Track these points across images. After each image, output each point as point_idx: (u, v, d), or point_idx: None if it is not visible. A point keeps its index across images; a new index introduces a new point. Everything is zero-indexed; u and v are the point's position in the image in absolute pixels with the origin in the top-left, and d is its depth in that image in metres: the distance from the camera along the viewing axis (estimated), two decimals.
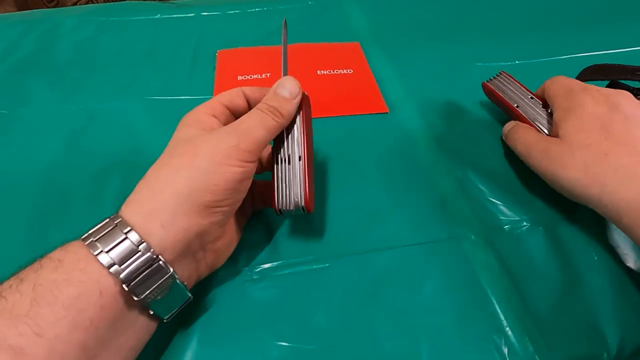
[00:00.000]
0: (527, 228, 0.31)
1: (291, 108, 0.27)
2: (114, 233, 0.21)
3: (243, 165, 0.24)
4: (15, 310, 0.18)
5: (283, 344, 0.25)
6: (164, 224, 0.22)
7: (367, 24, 0.53)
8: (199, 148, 0.24)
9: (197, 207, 0.22)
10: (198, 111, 0.26)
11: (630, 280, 0.29)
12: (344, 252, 0.30)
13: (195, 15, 0.54)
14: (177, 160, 0.24)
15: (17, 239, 0.31)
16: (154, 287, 0.21)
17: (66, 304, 0.19)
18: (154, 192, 0.23)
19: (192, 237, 0.23)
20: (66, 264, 0.20)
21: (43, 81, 0.44)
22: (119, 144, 0.38)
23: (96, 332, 0.20)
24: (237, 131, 0.24)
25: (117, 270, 0.20)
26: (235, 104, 0.28)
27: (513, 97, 0.37)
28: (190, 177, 0.23)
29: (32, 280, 0.19)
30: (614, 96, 0.30)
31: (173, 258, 0.22)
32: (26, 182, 0.34)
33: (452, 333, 0.26)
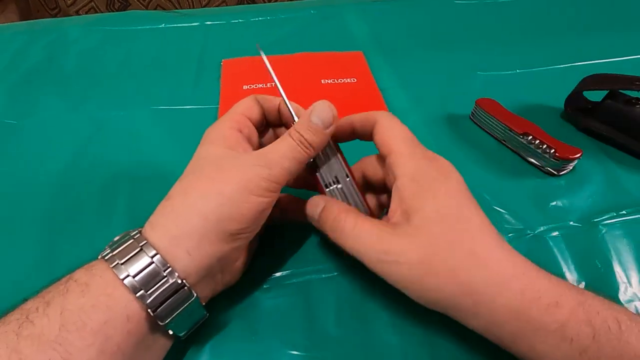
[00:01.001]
0: (531, 237, 0.32)
1: (324, 139, 0.25)
2: (140, 256, 0.21)
3: (270, 196, 0.24)
4: (44, 335, 0.18)
5: (294, 352, 0.26)
6: (190, 251, 0.22)
7: (369, 33, 0.54)
8: (228, 175, 0.23)
9: (222, 235, 0.22)
10: (223, 126, 0.26)
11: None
12: (353, 261, 0.30)
13: (200, 24, 0.55)
14: (206, 185, 0.23)
15: (27, 248, 0.31)
16: (179, 312, 0.21)
17: (94, 330, 0.19)
18: (180, 218, 0.22)
19: (215, 262, 0.23)
20: (93, 288, 0.20)
21: (50, 91, 0.45)
22: (126, 153, 0.38)
23: (122, 356, 0.20)
24: (268, 162, 0.24)
25: (143, 295, 0.20)
26: (254, 113, 0.27)
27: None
28: (219, 205, 0.22)
29: (60, 305, 0.19)
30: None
31: (194, 282, 0.22)
32: (35, 192, 0.35)
33: (463, 342, 0.26)
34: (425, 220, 0.23)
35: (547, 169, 0.36)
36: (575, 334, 0.20)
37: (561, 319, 0.20)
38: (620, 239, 0.32)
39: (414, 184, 0.24)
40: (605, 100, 0.39)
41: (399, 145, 0.25)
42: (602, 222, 0.33)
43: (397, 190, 0.24)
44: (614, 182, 0.36)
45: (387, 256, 0.23)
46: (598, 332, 0.20)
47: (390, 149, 0.25)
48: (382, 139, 0.26)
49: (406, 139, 0.25)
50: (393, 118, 0.26)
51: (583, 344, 0.20)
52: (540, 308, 0.21)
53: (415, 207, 0.23)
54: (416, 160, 0.24)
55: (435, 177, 0.24)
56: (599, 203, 0.34)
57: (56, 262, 0.30)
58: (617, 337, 0.20)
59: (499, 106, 0.40)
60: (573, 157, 0.35)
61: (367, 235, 0.24)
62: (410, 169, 0.24)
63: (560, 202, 0.34)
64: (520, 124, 0.38)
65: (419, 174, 0.24)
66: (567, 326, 0.20)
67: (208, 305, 0.27)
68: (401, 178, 0.24)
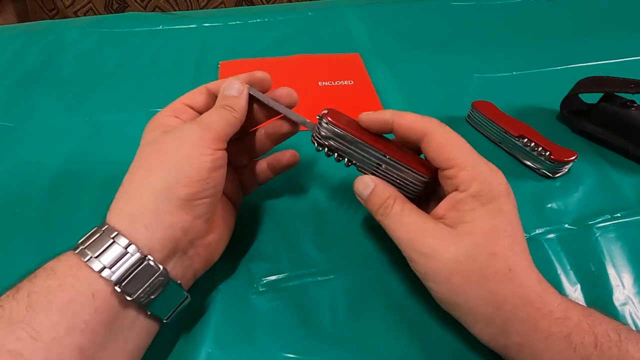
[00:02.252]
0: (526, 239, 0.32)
1: (242, 102, 0.27)
2: (102, 239, 0.22)
3: (211, 153, 0.24)
4: (12, 317, 0.19)
5: (290, 355, 0.26)
6: (147, 225, 0.22)
7: (367, 35, 0.54)
8: (165, 145, 0.25)
9: (176, 203, 0.23)
10: (160, 115, 0.27)
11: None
12: (348, 264, 0.30)
13: (197, 26, 0.55)
14: (147, 162, 0.24)
15: (24, 250, 0.31)
16: (146, 286, 0.22)
17: (60, 308, 0.20)
18: (132, 197, 0.23)
19: (179, 233, 0.23)
20: (59, 271, 0.21)
21: (47, 93, 0.45)
22: (123, 156, 0.38)
23: (92, 334, 0.20)
24: (198, 123, 0.25)
25: (108, 274, 0.21)
26: (197, 101, 0.28)
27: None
28: (162, 174, 0.23)
29: (27, 289, 0.20)
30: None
31: (163, 257, 0.23)
32: (32, 195, 0.35)
33: (460, 344, 0.26)
34: (472, 231, 0.23)
35: (542, 171, 0.37)
36: (579, 343, 0.21)
37: (567, 330, 0.22)
38: (615, 242, 0.32)
39: (474, 201, 0.24)
40: (601, 102, 0.39)
41: (461, 159, 0.24)
42: (596, 224, 0.33)
43: (454, 201, 0.25)
44: (610, 184, 0.36)
45: (424, 248, 0.24)
46: (600, 341, 0.21)
47: (452, 164, 0.25)
48: (439, 154, 0.25)
49: (468, 152, 0.25)
50: (445, 128, 0.26)
51: (586, 351, 0.21)
52: (550, 320, 0.22)
53: (467, 219, 0.24)
54: (480, 177, 0.24)
55: (499, 195, 0.24)
56: (594, 205, 0.35)
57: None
58: (617, 345, 0.21)
59: (495, 108, 0.40)
60: (568, 159, 0.35)
61: (411, 225, 0.25)
62: (475, 186, 0.24)
63: (556, 205, 0.35)
64: (515, 126, 0.38)
65: (483, 191, 0.24)
66: (572, 335, 0.21)
67: (203, 308, 0.27)
68: (462, 193, 0.24)
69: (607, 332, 0.22)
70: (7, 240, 0.32)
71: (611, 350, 0.21)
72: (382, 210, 0.26)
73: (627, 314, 0.28)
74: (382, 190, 0.27)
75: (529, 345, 0.22)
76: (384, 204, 0.26)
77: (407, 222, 0.25)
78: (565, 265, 0.31)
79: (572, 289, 0.30)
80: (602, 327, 0.22)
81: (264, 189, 0.33)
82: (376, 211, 0.27)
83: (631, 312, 0.28)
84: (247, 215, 0.33)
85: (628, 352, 0.21)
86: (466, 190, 0.24)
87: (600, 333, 0.21)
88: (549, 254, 0.31)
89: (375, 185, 0.27)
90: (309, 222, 0.33)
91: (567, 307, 0.22)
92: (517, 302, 0.22)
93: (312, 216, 0.33)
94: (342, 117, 0.28)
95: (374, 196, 0.27)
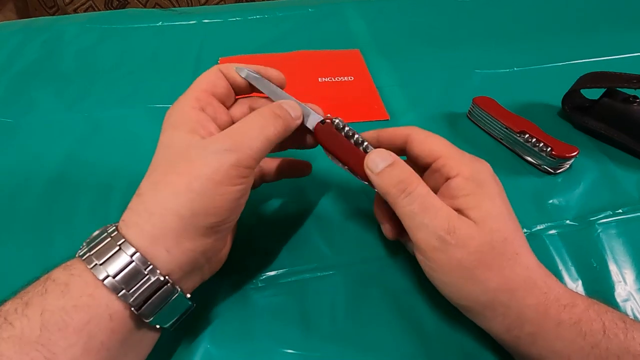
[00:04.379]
0: (528, 235, 0.32)
1: (293, 125, 0.25)
2: (119, 256, 0.20)
3: (243, 182, 0.23)
4: (24, 336, 0.18)
5: (289, 351, 0.26)
6: (169, 249, 0.21)
7: (367, 31, 0.54)
8: (195, 167, 0.22)
9: (200, 230, 0.22)
10: (184, 106, 0.24)
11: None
12: (348, 260, 0.30)
13: (197, 22, 0.55)
14: (174, 180, 0.22)
15: (22, 246, 0.31)
16: (162, 308, 0.21)
17: (77, 329, 0.19)
18: (154, 217, 0.21)
19: (199, 256, 0.23)
20: (72, 289, 0.20)
21: (47, 89, 0.44)
22: (122, 152, 0.38)
23: (108, 353, 0.20)
24: (235, 145, 0.22)
25: (125, 295, 0.20)
26: (220, 87, 0.26)
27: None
28: (190, 202, 0.21)
29: (39, 305, 0.19)
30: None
31: (179, 277, 0.22)
32: (31, 191, 0.35)
33: (460, 341, 0.26)
34: (486, 216, 0.23)
35: (544, 167, 0.36)
36: (589, 329, 0.21)
37: (576, 317, 0.22)
38: (617, 238, 0.32)
39: (470, 184, 0.24)
40: (603, 98, 0.39)
41: (445, 150, 0.25)
42: (598, 220, 0.33)
43: (449, 189, 0.24)
44: (611, 180, 0.36)
45: (450, 237, 0.23)
46: (608, 328, 0.21)
47: (438, 154, 0.25)
48: (423, 148, 0.26)
49: (449, 145, 0.26)
50: (424, 130, 0.27)
51: (595, 338, 0.21)
52: (559, 307, 0.22)
53: (472, 204, 0.23)
54: (468, 162, 0.25)
55: (487, 179, 0.25)
56: (595, 201, 0.34)
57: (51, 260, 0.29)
58: (624, 332, 0.21)
59: (496, 104, 0.40)
60: (570, 155, 0.35)
61: (438, 209, 0.23)
62: (465, 170, 0.24)
63: (557, 201, 0.34)
64: (517, 122, 0.38)
65: (474, 175, 0.24)
66: (582, 322, 0.22)
67: (203, 304, 0.27)
68: (456, 178, 0.24)
69: (613, 319, 0.22)
70: (5, 235, 0.32)
71: (618, 337, 0.21)
72: (402, 186, 0.24)
73: (629, 310, 0.28)
74: (403, 165, 0.25)
75: (541, 335, 0.22)
76: (407, 179, 0.24)
77: (433, 205, 0.23)
78: (566, 261, 0.30)
79: (574, 285, 0.29)
80: (608, 315, 0.22)
81: (265, 184, 0.33)
82: (394, 187, 0.24)
83: (633, 308, 0.28)
84: (246, 210, 0.32)
85: (634, 338, 0.21)
86: (458, 174, 0.24)
87: (607, 320, 0.22)
88: (550, 250, 0.31)
89: (396, 159, 0.25)
90: (308, 218, 0.33)
91: (573, 295, 0.23)
92: (527, 286, 0.22)
93: (312, 211, 0.33)
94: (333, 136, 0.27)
95: (393, 170, 0.24)
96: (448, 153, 0.25)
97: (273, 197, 0.34)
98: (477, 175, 0.24)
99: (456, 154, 0.25)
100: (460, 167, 0.24)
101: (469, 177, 0.24)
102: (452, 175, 0.24)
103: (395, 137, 0.27)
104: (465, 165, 0.24)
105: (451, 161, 0.25)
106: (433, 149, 0.25)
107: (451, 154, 0.25)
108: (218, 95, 0.26)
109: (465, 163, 0.25)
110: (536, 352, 0.22)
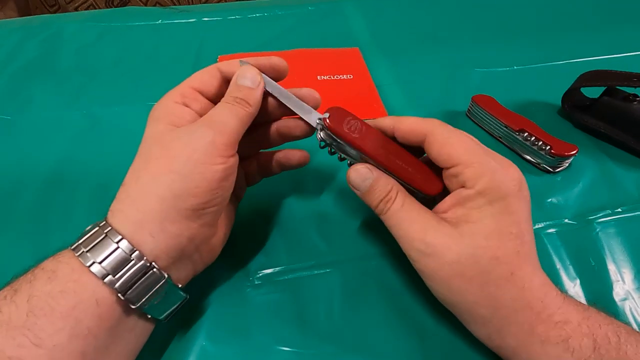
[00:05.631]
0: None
1: (257, 95, 0.25)
2: (105, 243, 0.21)
3: (224, 162, 0.23)
4: (12, 321, 0.18)
5: (285, 348, 0.26)
6: (153, 234, 0.21)
7: (367, 30, 0.54)
8: (173, 149, 0.22)
9: (183, 213, 0.22)
10: (167, 100, 0.25)
11: None
12: (345, 257, 0.30)
13: (197, 20, 0.55)
14: (154, 165, 0.22)
15: (19, 244, 0.31)
16: (149, 294, 0.21)
17: (64, 314, 0.19)
18: (137, 202, 0.22)
19: (185, 241, 0.22)
20: (60, 275, 0.20)
21: (46, 87, 0.44)
22: (121, 149, 0.38)
23: (95, 340, 0.20)
24: (210, 124, 0.23)
25: (111, 280, 0.20)
26: (208, 86, 0.26)
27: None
28: (171, 183, 0.21)
29: (27, 292, 0.19)
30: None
31: (167, 264, 0.22)
32: (29, 188, 0.35)
33: (456, 338, 0.26)
34: (476, 233, 0.22)
35: (543, 166, 0.36)
36: (578, 346, 0.21)
37: (565, 334, 0.21)
38: (615, 237, 0.32)
39: (481, 198, 0.23)
40: (603, 96, 0.39)
41: (465, 156, 0.23)
42: (597, 219, 0.33)
43: (460, 196, 0.23)
44: (611, 179, 0.36)
45: (425, 247, 0.23)
46: (599, 344, 0.21)
47: (456, 162, 0.23)
48: (441, 152, 0.24)
49: (472, 149, 0.24)
50: (447, 127, 0.25)
51: (584, 354, 0.21)
52: (548, 325, 0.21)
53: (473, 218, 0.23)
54: (489, 174, 0.23)
55: (507, 193, 0.23)
56: (594, 200, 0.34)
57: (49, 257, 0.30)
58: (616, 348, 0.21)
59: (496, 103, 0.40)
60: (569, 154, 0.35)
61: (412, 222, 0.24)
62: (481, 183, 0.22)
63: (556, 199, 0.34)
64: (516, 120, 0.38)
65: (491, 189, 0.22)
66: (571, 339, 0.21)
67: (199, 301, 0.27)
68: (469, 190, 0.23)
69: (606, 334, 0.21)
70: (3, 232, 0.32)
71: (610, 353, 0.21)
72: (382, 205, 0.25)
73: (627, 310, 0.28)
74: (383, 184, 0.25)
75: (524, 350, 0.22)
76: (384, 198, 0.25)
77: (408, 218, 0.24)
78: (565, 260, 0.30)
79: (572, 284, 0.29)
80: (602, 329, 0.21)
81: (262, 180, 0.33)
82: (376, 205, 0.25)
83: (631, 308, 0.28)
84: (243, 207, 0.32)
85: (627, 354, 0.21)
86: (473, 187, 0.23)
87: (600, 336, 0.21)
88: (548, 248, 0.31)
89: (376, 178, 0.25)
90: (306, 215, 0.33)
91: (568, 310, 0.22)
92: (516, 306, 0.22)
93: (309, 209, 0.33)
94: (344, 121, 0.26)
95: (373, 190, 0.25)
96: (467, 160, 0.23)
97: (270, 194, 0.34)
98: (494, 189, 0.22)
99: (477, 162, 0.23)
100: (477, 178, 0.23)
101: (482, 192, 0.22)
102: (467, 185, 0.23)
103: (413, 134, 0.25)
104: (483, 177, 0.22)
105: (469, 171, 0.23)
106: (452, 154, 0.23)
107: (471, 161, 0.23)
108: (207, 94, 0.26)
109: (485, 174, 0.22)
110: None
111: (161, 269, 0.22)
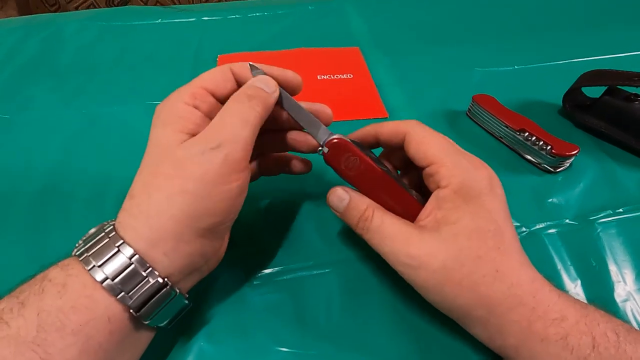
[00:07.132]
0: (527, 234, 0.32)
1: (271, 101, 0.24)
2: (117, 258, 0.20)
3: (237, 179, 0.22)
4: (20, 336, 0.18)
5: (283, 349, 0.25)
6: (167, 253, 0.21)
7: (367, 29, 0.54)
8: (186, 170, 0.21)
9: (199, 232, 0.21)
10: (176, 101, 0.23)
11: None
12: (344, 257, 0.30)
13: (196, 20, 0.55)
14: (167, 184, 0.21)
15: (17, 243, 0.31)
16: (161, 309, 0.21)
17: (75, 330, 0.19)
18: (151, 220, 0.21)
19: (198, 259, 0.22)
20: (70, 290, 0.19)
21: (45, 86, 0.44)
22: (120, 149, 0.38)
23: (105, 354, 0.20)
24: (220, 141, 0.21)
25: (124, 297, 0.20)
26: (221, 88, 0.24)
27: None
28: (186, 206, 0.21)
29: (36, 306, 0.19)
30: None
31: (178, 279, 0.22)
32: (27, 187, 0.35)
33: (456, 340, 0.26)
34: (457, 234, 0.22)
35: (543, 166, 0.36)
36: (577, 344, 0.21)
37: (564, 331, 0.21)
38: (616, 238, 0.31)
39: (457, 197, 0.23)
40: (604, 96, 0.39)
41: (440, 155, 0.24)
42: (598, 220, 0.32)
43: (437, 199, 0.24)
44: (612, 179, 0.36)
45: (411, 260, 0.23)
46: (597, 342, 0.21)
47: (431, 160, 0.24)
48: (418, 150, 0.24)
49: (446, 148, 0.24)
50: (424, 127, 0.25)
51: (583, 352, 0.21)
52: (546, 322, 0.21)
53: (452, 219, 0.23)
54: (462, 172, 0.23)
55: (480, 192, 0.23)
56: (595, 201, 0.34)
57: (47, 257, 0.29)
58: (615, 346, 0.21)
59: (496, 102, 0.40)
60: (570, 154, 0.35)
61: (394, 237, 0.24)
62: (455, 181, 0.23)
63: (557, 200, 0.34)
64: (516, 120, 0.37)
65: (465, 187, 0.23)
66: (569, 337, 0.21)
67: (198, 301, 0.27)
68: (444, 189, 0.23)
69: (605, 332, 0.21)
70: (3, 230, 0.31)
71: (609, 351, 0.21)
72: (361, 224, 0.25)
73: (628, 310, 0.28)
74: (358, 203, 0.25)
75: (525, 348, 0.22)
76: (362, 216, 0.25)
77: (389, 234, 0.24)
78: (565, 260, 0.30)
79: (573, 284, 0.29)
80: (601, 327, 0.21)
81: (262, 180, 0.33)
82: (355, 225, 0.25)
83: (632, 309, 0.28)
84: (243, 207, 0.32)
85: (626, 352, 0.20)
86: (447, 186, 0.23)
87: (598, 334, 0.21)
88: (549, 249, 0.31)
89: (351, 198, 0.25)
90: (306, 215, 0.33)
91: (564, 307, 0.22)
92: (509, 303, 0.22)
93: (309, 209, 0.33)
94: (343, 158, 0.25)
95: (350, 209, 0.25)
96: (442, 160, 0.24)
97: (270, 194, 0.34)
98: (467, 188, 0.23)
99: (451, 161, 0.24)
100: (451, 177, 0.23)
101: (457, 190, 0.23)
102: (442, 184, 0.24)
103: (393, 135, 0.26)
104: (457, 176, 0.23)
105: (443, 169, 0.23)
106: (427, 153, 0.24)
107: (445, 160, 0.24)
108: (218, 95, 0.24)
109: (458, 173, 0.23)
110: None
111: (172, 285, 0.21)
